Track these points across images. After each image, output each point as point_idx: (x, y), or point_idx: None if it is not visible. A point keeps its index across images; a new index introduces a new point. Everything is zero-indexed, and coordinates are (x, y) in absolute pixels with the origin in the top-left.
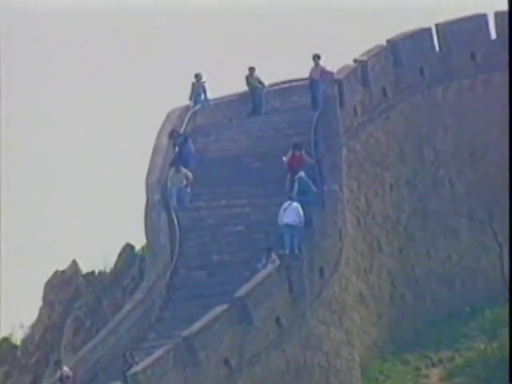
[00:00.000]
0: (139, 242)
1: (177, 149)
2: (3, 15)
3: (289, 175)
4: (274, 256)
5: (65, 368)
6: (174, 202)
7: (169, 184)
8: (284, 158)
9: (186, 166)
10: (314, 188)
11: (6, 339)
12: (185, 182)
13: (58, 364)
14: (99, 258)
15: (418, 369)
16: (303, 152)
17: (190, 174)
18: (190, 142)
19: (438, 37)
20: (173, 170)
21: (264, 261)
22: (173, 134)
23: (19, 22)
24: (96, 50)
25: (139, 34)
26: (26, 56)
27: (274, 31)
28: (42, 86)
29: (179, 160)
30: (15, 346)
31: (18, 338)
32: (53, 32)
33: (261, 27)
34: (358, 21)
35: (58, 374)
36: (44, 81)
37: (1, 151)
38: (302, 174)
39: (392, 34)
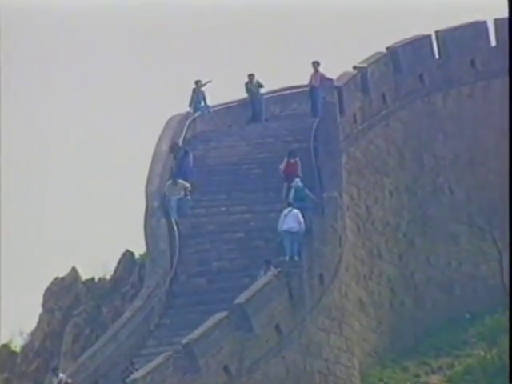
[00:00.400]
0: (139, 248)
1: (176, 162)
2: (3, 15)
3: (286, 184)
4: (272, 269)
5: (61, 375)
6: (174, 215)
7: (167, 193)
8: (280, 166)
9: (185, 180)
10: (310, 194)
11: (5, 346)
12: (182, 192)
13: (55, 371)
14: (99, 265)
15: (417, 376)
16: (298, 159)
17: (187, 185)
18: (190, 155)
19: (438, 44)
20: (170, 182)
21: (262, 273)
22: (173, 148)
23: (19, 22)
24: (96, 50)
25: (140, 35)
26: (26, 56)
27: (273, 38)
28: (42, 87)
29: (178, 173)
30: (15, 353)
31: (17, 345)
32: (53, 32)
33: (260, 34)
34: (358, 28)
35: (56, 381)
36: (44, 81)
37: (0, 154)
38: (297, 180)
39: (392, 40)
